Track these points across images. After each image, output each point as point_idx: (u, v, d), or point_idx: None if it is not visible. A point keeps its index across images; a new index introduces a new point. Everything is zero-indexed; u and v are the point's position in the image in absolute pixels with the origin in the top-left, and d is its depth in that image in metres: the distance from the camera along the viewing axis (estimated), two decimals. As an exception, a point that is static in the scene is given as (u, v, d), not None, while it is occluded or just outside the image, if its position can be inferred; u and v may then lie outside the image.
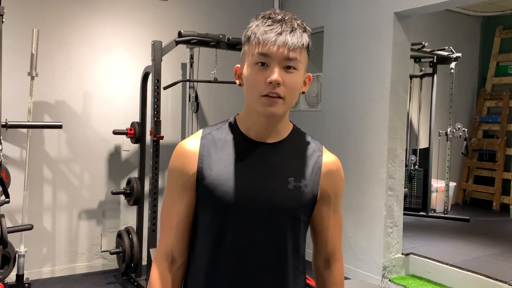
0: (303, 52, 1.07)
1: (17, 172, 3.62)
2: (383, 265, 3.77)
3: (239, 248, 1.09)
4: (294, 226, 1.13)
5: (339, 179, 1.20)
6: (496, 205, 6.24)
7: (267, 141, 1.14)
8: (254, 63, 1.06)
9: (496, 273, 3.48)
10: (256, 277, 1.10)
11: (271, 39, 1.03)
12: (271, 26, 1.05)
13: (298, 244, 1.15)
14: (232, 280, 1.10)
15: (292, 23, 1.06)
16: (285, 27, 1.05)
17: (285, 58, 1.04)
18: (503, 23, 6.66)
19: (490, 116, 6.62)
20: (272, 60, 1.04)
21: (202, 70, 4.35)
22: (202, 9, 4.50)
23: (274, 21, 1.06)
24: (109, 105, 4.08)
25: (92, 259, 4.07)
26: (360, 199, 3.91)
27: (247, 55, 1.09)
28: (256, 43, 1.05)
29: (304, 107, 4.68)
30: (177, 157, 1.15)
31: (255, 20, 1.09)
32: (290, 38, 1.04)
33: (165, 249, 1.16)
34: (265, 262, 1.10)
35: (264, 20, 1.06)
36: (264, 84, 1.04)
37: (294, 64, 1.05)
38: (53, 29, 3.81)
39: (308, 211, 1.15)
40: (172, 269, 1.16)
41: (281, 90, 1.05)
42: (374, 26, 3.85)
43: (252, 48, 1.06)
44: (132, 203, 3.78)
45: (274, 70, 1.04)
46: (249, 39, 1.08)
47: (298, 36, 1.05)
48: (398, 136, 3.82)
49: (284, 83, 1.05)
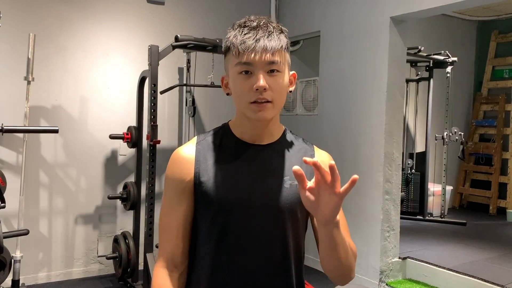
0: (283, 53, 1.09)
1: (13, 176, 3.60)
2: (380, 269, 3.77)
3: (241, 250, 1.10)
4: (294, 224, 1.13)
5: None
6: (493, 208, 6.25)
7: (261, 142, 1.16)
8: (238, 73, 1.08)
9: (493, 276, 3.49)
10: (261, 278, 1.10)
11: (250, 47, 1.05)
12: (248, 34, 1.06)
13: (299, 243, 1.16)
14: (236, 282, 1.10)
15: (268, 27, 1.08)
16: (262, 33, 1.06)
17: (267, 63, 1.06)
18: (498, 28, 6.70)
19: (486, 120, 6.65)
20: (255, 67, 1.06)
21: (199, 75, 4.35)
22: (199, 13, 4.51)
23: (250, 28, 1.07)
24: (106, 110, 4.08)
25: (89, 264, 4.05)
26: (357, 203, 3.91)
27: (230, 65, 1.10)
28: (236, 53, 1.07)
29: (301, 111, 4.68)
30: (174, 164, 1.16)
31: (231, 30, 1.10)
32: (269, 43, 1.05)
33: (166, 256, 1.15)
34: (268, 261, 1.10)
35: (240, 29, 1.08)
36: (251, 91, 1.06)
37: (276, 67, 1.07)
38: (49, 34, 3.81)
39: (305, 209, 1.15)
40: (173, 276, 1.15)
41: (268, 95, 1.07)
42: (371, 30, 3.86)
43: (234, 59, 1.08)
44: (128, 208, 3.77)
45: (258, 76, 1.05)
46: (229, 49, 1.09)
47: (276, 39, 1.07)
48: (395, 140, 3.82)
49: (271, 87, 1.07)
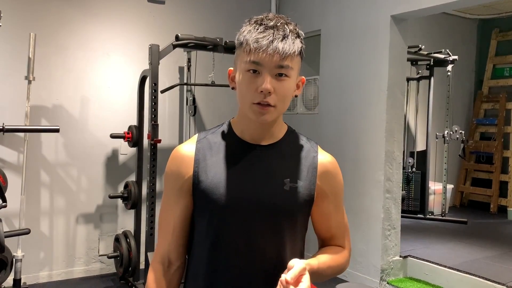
0: (295, 58, 1.06)
1: (14, 176, 3.61)
2: (381, 268, 3.77)
3: (238, 250, 1.10)
4: (292, 227, 1.13)
5: (337, 177, 1.19)
6: (494, 207, 6.25)
7: (262, 143, 1.14)
8: (245, 70, 1.05)
9: (494, 275, 3.48)
10: (256, 279, 1.10)
11: (262, 47, 1.02)
12: (263, 33, 1.03)
13: (296, 245, 1.16)
14: (231, 282, 1.10)
15: (285, 29, 1.04)
16: (277, 34, 1.03)
17: (276, 66, 1.03)
18: (499, 26, 6.69)
19: (487, 118, 6.64)
20: (264, 68, 1.03)
21: (200, 74, 4.35)
22: (199, 12, 4.51)
23: (266, 27, 1.04)
24: (107, 109, 4.08)
25: (90, 263, 4.06)
26: (357, 202, 3.91)
27: (239, 61, 1.08)
28: (247, 50, 1.04)
29: (301, 110, 4.68)
30: (173, 162, 1.16)
31: (247, 25, 1.08)
32: (282, 46, 1.02)
33: (162, 252, 1.17)
34: (263, 263, 1.10)
35: (256, 26, 1.05)
36: (256, 92, 1.04)
37: (285, 72, 1.05)
38: (50, 33, 3.81)
39: (305, 212, 1.16)
40: (168, 272, 1.17)
41: (271, 99, 1.04)
42: (371, 29, 3.86)
43: (244, 55, 1.05)
44: (129, 207, 3.77)
45: (265, 78, 1.03)
46: (242, 44, 1.07)
47: (290, 43, 1.04)
48: (396, 139, 3.82)
49: (276, 91, 1.04)
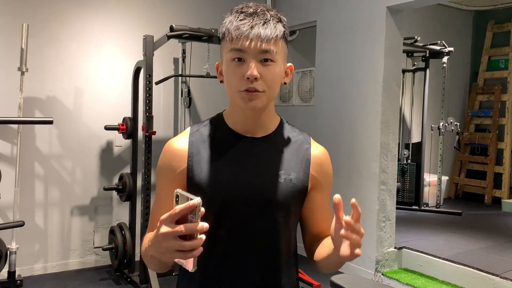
0: (279, 43, 1.06)
1: (8, 168, 3.58)
2: (376, 259, 3.79)
3: (232, 242, 1.10)
4: (286, 219, 1.13)
5: (329, 169, 1.21)
6: (488, 198, 6.29)
7: (255, 135, 1.13)
8: (230, 60, 1.06)
9: (488, 266, 3.51)
10: (250, 271, 1.11)
11: (243, 34, 1.02)
12: (244, 21, 1.04)
13: (290, 237, 1.16)
14: (225, 274, 1.11)
15: (265, 14, 1.05)
16: (257, 20, 1.03)
17: (260, 51, 1.03)
18: (494, 18, 6.69)
19: (482, 110, 6.66)
20: (248, 54, 1.03)
21: (195, 65, 4.32)
22: (194, 3, 4.47)
23: (246, 14, 1.05)
24: (101, 101, 4.05)
25: (85, 256, 4.05)
26: (352, 194, 3.92)
27: (224, 52, 1.08)
28: (230, 39, 1.05)
29: (297, 102, 4.67)
30: (165, 155, 1.15)
31: (229, 15, 1.08)
32: (263, 31, 1.03)
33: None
34: (258, 255, 1.11)
35: (237, 15, 1.06)
36: (242, 79, 1.04)
37: (270, 57, 1.04)
38: (43, 24, 3.77)
39: (299, 204, 1.16)
40: None
41: (259, 85, 1.04)
42: (367, 20, 3.84)
43: (227, 45, 1.06)
44: (124, 199, 3.77)
45: (250, 65, 1.03)
46: (224, 35, 1.07)
47: (272, 28, 1.04)
48: (391, 131, 3.82)
49: (262, 77, 1.04)
